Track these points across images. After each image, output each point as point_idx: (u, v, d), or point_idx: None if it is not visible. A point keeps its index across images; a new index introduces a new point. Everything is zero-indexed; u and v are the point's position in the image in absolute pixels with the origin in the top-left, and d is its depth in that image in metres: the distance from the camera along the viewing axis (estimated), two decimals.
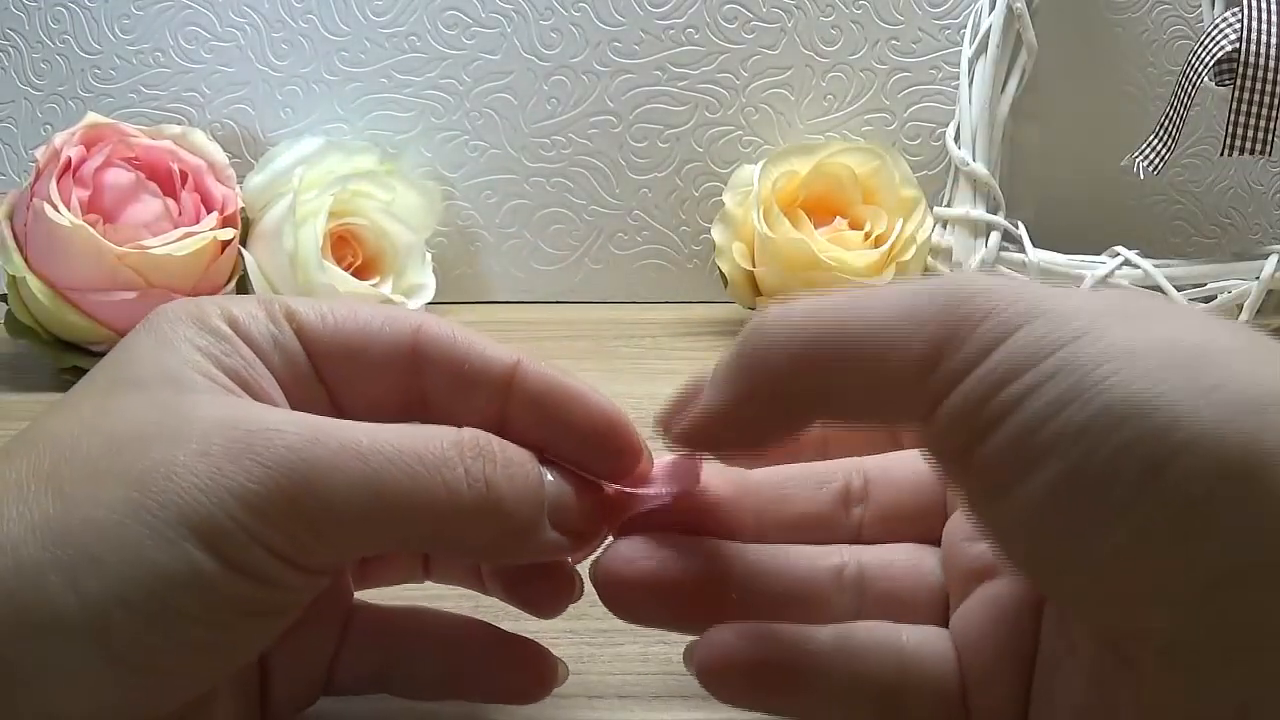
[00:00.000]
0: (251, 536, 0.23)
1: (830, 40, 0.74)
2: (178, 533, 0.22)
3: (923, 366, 0.22)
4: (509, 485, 0.25)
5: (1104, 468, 0.20)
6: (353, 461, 0.23)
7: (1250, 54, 0.64)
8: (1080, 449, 0.21)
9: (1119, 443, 0.20)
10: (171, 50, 0.72)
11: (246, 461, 0.23)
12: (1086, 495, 0.21)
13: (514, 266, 0.76)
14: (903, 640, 0.27)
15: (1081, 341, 0.21)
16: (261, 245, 0.65)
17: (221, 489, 0.22)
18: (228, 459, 0.23)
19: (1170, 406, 0.20)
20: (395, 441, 0.24)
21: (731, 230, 0.69)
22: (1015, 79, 0.70)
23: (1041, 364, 0.21)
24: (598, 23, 0.72)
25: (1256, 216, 0.79)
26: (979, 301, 0.22)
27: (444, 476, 0.24)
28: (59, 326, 0.60)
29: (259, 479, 0.23)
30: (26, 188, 0.60)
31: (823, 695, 0.27)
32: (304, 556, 0.23)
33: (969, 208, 0.70)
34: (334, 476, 0.23)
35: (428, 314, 0.29)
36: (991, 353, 0.22)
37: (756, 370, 0.25)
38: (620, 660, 0.35)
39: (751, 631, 0.27)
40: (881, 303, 0.23)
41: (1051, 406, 0.21)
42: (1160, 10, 0.74)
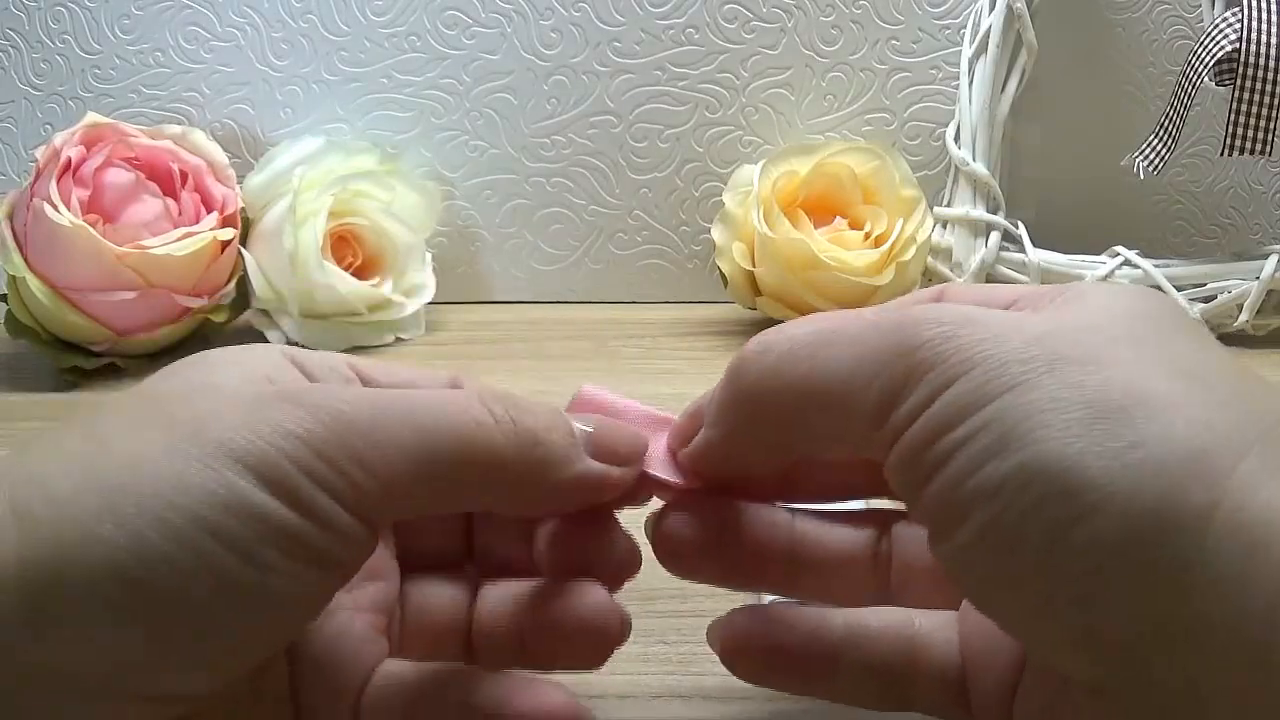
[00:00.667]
0: (302, 470, 0.22)
1: (830, 40, 0.74)
2: (222, 462, 0.22)
3: (878, 414, 0.23)
4: (534, 419, 0.26)
5: (1015, 526, 0.21)
6: (392, 406, 0.24)
7: (1250, 54, 0.64)
8: (996, 505, 0.21)
9: (1028, 502, 0.20)
10: (171, 50, 0.72)
11: (290, 406, 0.23)
12: (1001, 552, 0.21)
13: (514, 266, 0.76)
14: (915, 627, 0.28)
15: (1014, 393, 0.21)
16: (261, 245, 0.65)
17: (267, 427, 0.22)
18: (272, 406, 0.23)
19: (1081, 468, 0.20)
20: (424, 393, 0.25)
21: (731, 230, 0.69)
22: (1015, 79, 0.70)
23: (973, 416, 0.22)
24: (598, 23, 0.72)
25: (1256, 216, 0.79)
26: (924, 354, 0.23)
27: (473, 415, 0.25)
28: (59, 326, 0.60)
29: (304, 419, 0.22)
30: (26, 188, 0.60)
31: (834, 677, 0.28)
32: (358, 498, 0.23)
33: (969, 208, 0.70)
34: (376, 417, 0.23)
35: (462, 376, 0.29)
36: (931, 404, 0.22)
37: (740, 409, 0.26)
38: (620, 660, 0.35)
39: (769, 615, 0.29)
40: (843, 350, 0.24)
41: (976, 460, 0.21)
42: (1160, 10, 0.74)
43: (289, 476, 0.22)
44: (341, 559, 0.23)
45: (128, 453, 0.22)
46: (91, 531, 0.20)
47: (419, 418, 0.24)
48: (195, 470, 0.21)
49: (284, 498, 0.22)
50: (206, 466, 0.21)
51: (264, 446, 0.22)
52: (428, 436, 0.24)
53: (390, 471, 0.23)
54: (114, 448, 0.22)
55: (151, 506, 0.21)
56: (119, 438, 0.22)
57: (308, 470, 0.22)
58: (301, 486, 0.22)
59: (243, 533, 0.21)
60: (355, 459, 0.23)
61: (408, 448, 0.23)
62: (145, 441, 0.22)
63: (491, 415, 0.25)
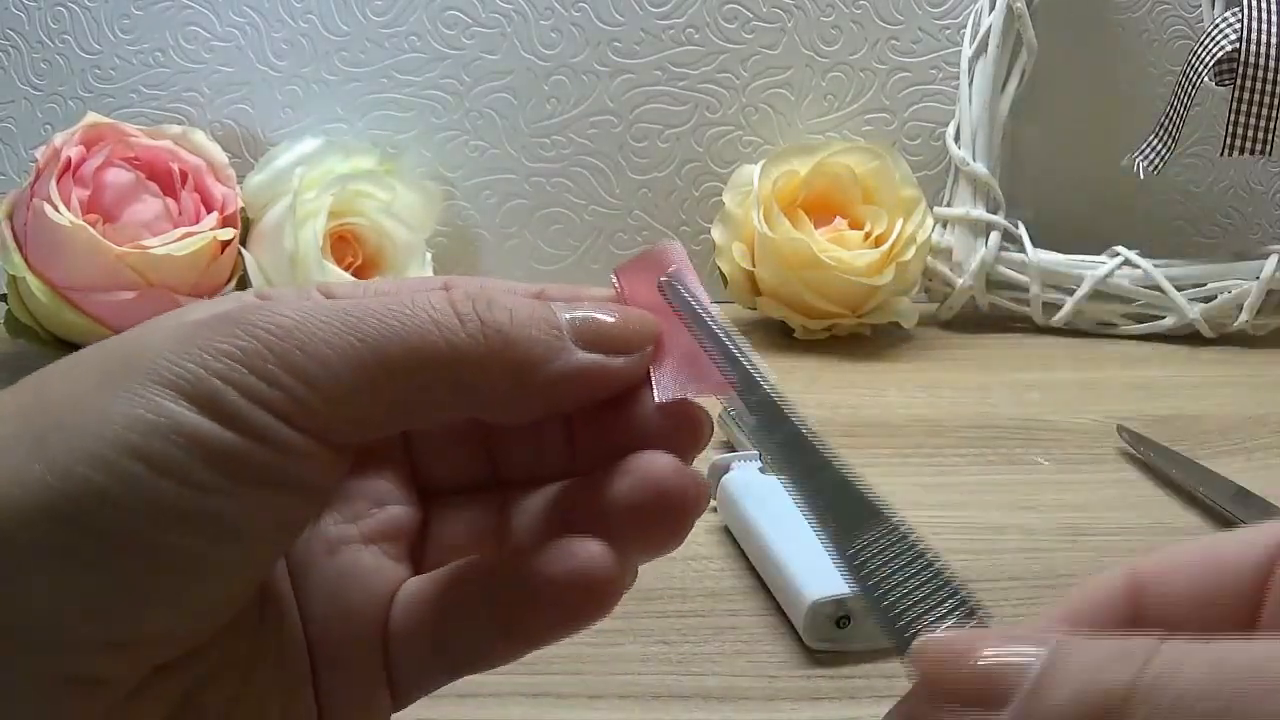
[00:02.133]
0: (234, 387, 0.21)
1: (830, 40, 0.74)
2: (149, 388, 0.20)
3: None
4: (506, 316, 0.23)
5: None
6: (335, 313, 0.22)
7: (1250, 54, 0.64)
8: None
9: None
10: (171, 50, 0.72)
11: (224, 325, 0.21)
12: None
13: (514, 266, 0.76)
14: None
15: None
16: (261, 245, 0.65)
17: (196, 349, 0.21)
18: (205, 328, 0.22)
19: None
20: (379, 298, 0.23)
21: (731, 230, 0.69)
22: (1015, 79, 0.70)
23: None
24: (598, 23, 0.72)
25: (1256, 216, 0.79)
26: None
27: (432, 316, 0.23)
28: (59, 326, 0.60)
29: (236, 336, 0.21)
30: (26, 188, 0.60)
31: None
32: (302, 414, 0.21)
33: (969, 208, 0.70)
34: (317, 327, 0.22)
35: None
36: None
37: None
38: (620, 660, 0.35)
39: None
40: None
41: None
42: (1160, 10, 0.74)
43: (219, 394, 0.21)
44: (297, 478, 0.22)
45: (59, 395, 0.21)
46: (20, 475, 0.20)
47: (365, 323, 0.22)
48: (121, 400, 0.20)
49: (217, 416, 0.21)
50: (133, 395, 0.20)
51: (192, 368, 0.21)
52: (374, 341, 0.22)
53: (338, 385, 0.21)
54: (47, 393, 0.21)
55: (78, 442, 0.20)
56: (53, 383, 0.22)
57: (240, 387, 0.21)
58: (235, 404, 0.21)
59: (177, 455, 0.20)
60: (292, 371, 0.21)
61: (352, 355, 0.22)
62: (76, 381, 0.21)
63: (455, 314, 0.23)
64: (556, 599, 0.24)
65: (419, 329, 0.22)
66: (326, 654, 0.25)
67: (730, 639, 0.37)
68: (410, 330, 0.22)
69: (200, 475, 0.20)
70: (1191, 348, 0.68)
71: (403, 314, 0.22)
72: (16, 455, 0.20)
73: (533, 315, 0.24)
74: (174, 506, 0.20)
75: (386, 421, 0.23)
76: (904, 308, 0.68)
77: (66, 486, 0.20)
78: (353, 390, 0.22)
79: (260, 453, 0.21)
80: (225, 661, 0.23)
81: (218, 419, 0.21)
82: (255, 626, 0.24)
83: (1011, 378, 0.63)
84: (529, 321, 0.24)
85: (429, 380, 0.23)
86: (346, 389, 0.22)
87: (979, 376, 0.63)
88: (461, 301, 0.23)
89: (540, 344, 0.24)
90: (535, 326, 0.24)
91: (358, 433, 0.23)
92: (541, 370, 0.23)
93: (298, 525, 0.23)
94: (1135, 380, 0.63)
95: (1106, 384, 0.62)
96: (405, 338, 0.22)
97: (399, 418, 0.23)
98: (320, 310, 0.22)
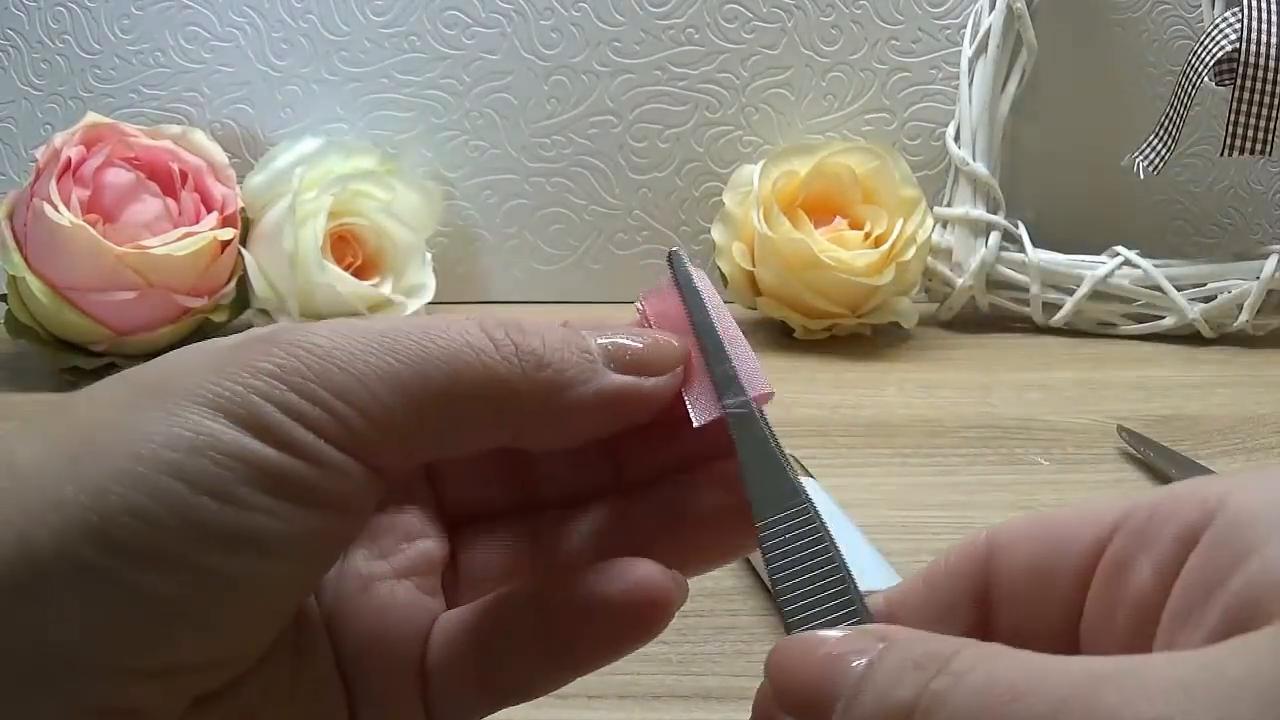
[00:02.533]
0: (277, 406, 0.20)
1: (830, 40, 0.74)
2: (188, 407, 0.20)
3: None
4: (540, 339, 0.23)
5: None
6: (372, 334, 0.22)
7: (1250, 54, 0.64)
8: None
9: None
10: (171, 50, 0.72)
11: (262, 345, 0.21)
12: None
13: (514, 266, 0.76)
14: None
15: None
16: (261, 245, 0.65)
17: (236, 368, 0.21)
18: (243, 349, 0.21)
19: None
20: (413, 320, 0.23)
21: (731, 230, 0.69)
22: (1015, 79, 0.70)
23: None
24: (598, 23, 0.72)
25: (1256, 216, 0.79)
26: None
27: (467, 339, 0.22)
28: (59, 326, 0.60)
29: (277, 355, 0.21)
30: (26, 188, 0.60)
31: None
32: (343, 433, 0.21)
33: (969, 208, 0.70)
34: (356, 347, 0.21)
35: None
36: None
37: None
38: (620, 660, 0.35)
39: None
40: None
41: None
42: (1160, 10, 0.74)
43: (263, 412, 0.20)
44: (340, 498, 0.21)
45: (92, 416, 0.21)
46: (54, 496, 0.19)
47: (405, 345, 0.22)
48: (157, 418, 0.20)
49: (258, 433, 0.20)
50: (169, 414, 0.20)
51: (233, 387, 0.20)
52: (416, 364, 0.22)
53: (377, 404, 0.21)
54: (79, 414, 0.21)
55: (113, 461, 0.19)
56: (85, 405, 0.21)
57: (284, 405, 0.20)
58: (279, 422, 0.20)
59: (217, 473, 0.20)
60: (336, 392, 0.21)
61: (394, 377, 0.21)
62: (110, 403, 0.21)
63: (490, 339, 0.23)
64: (611, 619, 0.24)
65: (455, 351, 0.22)
66: (364, 691, 0.25)
67: (730, 639, 0.37)
68: (447, 352, 0.22)
69: (241, 493, 0.20)
70: (1191, 348, 0.68)
71: (438, 336, 0.22)
72: (48, 478, 0.20)
73: (564, 339, 0.24)
74: (214, 525, 0.20)
75: (426, 443, 0.23)
76: (904, 308, 0.68)
77: (101, 506, 0.19)
78: (393, 410, 0.21)
79: (302, 470, 0.21)
80: (263, 697, 0.23)
81: (259, 435, 0.20)
82: (292, 662, 0.24)
83: (1011, 378, 0.63)
84: (561, 345, 0.24)
85: (467, 402, 0.22)
86: (387, 408, 0.21)
87: (979, 376, 0.63)
88: (494, 327, 0.23)
89: (573, 366, 0.24)
90: (568, 349, 0.24)
91: (398, 454, 0.22)
92: (576, 392, 0.24)
93: (335, 547, 0.23)
94: (1135, 380, 0.63)
95: (1106, 384, 0.62)
96: (443, 359, 0.22)
97: (442, 441, 0.23)
98: (356, 330, 0.22)
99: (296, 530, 0.21)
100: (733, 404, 0.25)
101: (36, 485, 0.20)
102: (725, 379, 0.25)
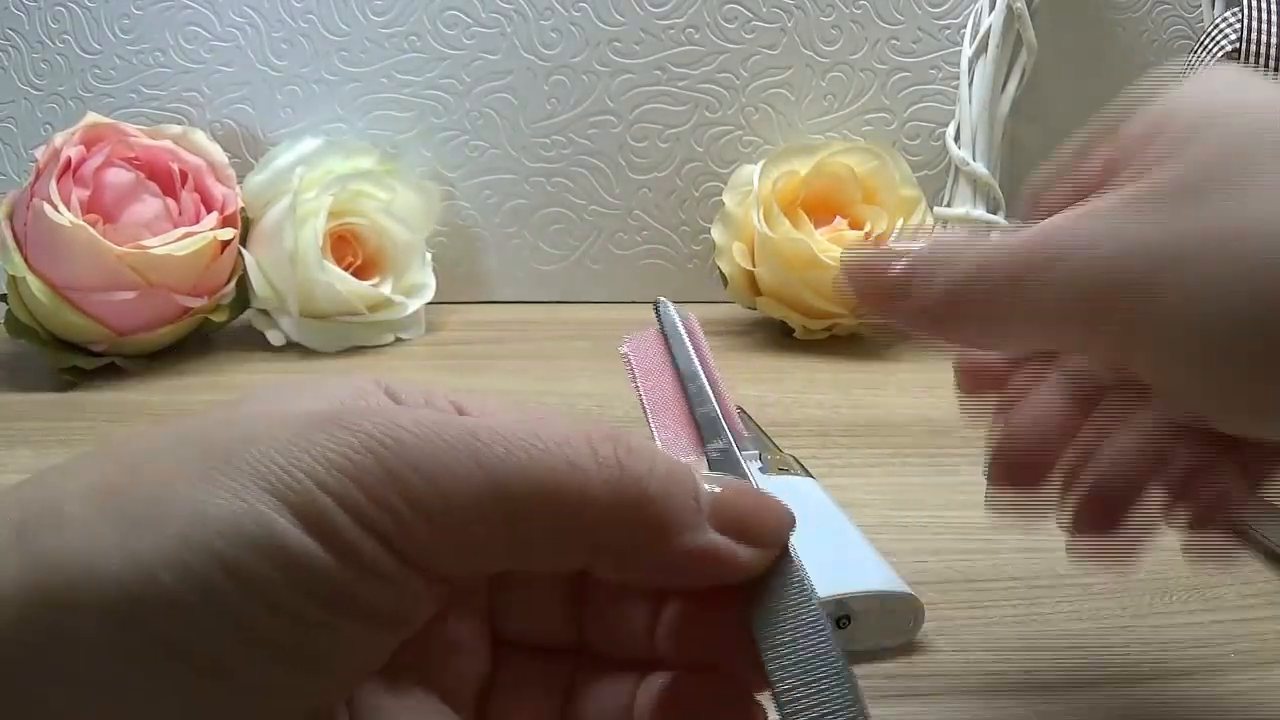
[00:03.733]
0: (345, 508, 0.19)
1: (830, 40, 0.74)
2: (252, 492, 0.19)
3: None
4: (647, 466, 0.21)
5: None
6: (459, 434, 0.20)
7: (1250, 54, 0.64)
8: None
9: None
10: (171, 50, 0.72)
11: (339, 430, 0.20)
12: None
13: (514, 266, 0.76)
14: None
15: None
16: (261, 245, 0.65)
17: (308, 454, 0.19)
18: (319, 429, 0.20)
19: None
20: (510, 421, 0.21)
21: (731, 230, 0.69)
22: (1015, 79, 0.70)
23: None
24: (598, 23, 0.72)
25: None
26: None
27: (567, 454, 0.21)
28: (59, 326, 0.60)
29: (349, 444, 0.19)
30: (26, 188, 0.60)
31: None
32: (411, 544, 0.19)
33: (969, 208, 0.70)
34: (437, 448, 0.20)
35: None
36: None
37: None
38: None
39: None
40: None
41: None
42: (1160, 10, 0.74)
43: (328, 514, 0.19)
44: (396, 613, 0.20)
45: (154, 479, 0.19)
46: (98, 566, 0.18)
47: (492, 450, 0.20)
48: (221, 500, 0.18)
49: (322, 539, 0.19)
50: (235, 496, 0.18)
51: (300, 477, 0.19)
52: (498, 472, 0.20)
53: (449, 514, 0.20)
54: (141, 472, 0.19)
55: (167, 542, 0.18)
56: (148, 461, 0.20)
57: (352, 508, 0.19)
58: (343, 527, 0.19)
59: (270, 576, 0.18)
60: (406, 495, 0.19)
61: (471, 485, 0.20)
62: (175, 467, 0.19)
63: (594, 455, 0.21)
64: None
65: (549, 464, 0.20)
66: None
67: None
68: (540, 464, 0.20)
69: (293, 603, 0.19)
70: None
71: (533, 446, 0.20)
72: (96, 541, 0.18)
73: (673, 474, 0.22)
74: (258, 633, 0.18)
75: (498, 559, 0.21)
76: None
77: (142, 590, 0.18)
78: (467, 524, 0.20)
79: (362, 585, 0.19)
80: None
81: (322, 541, 0.19)
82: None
83: None
84: (668, 479, 0.22)
85: (549, 522, 0.21)
86: (460, 521, 0.20)
87: None
88: (602, 441, 0.21)
89: (677, 510, 0.22)
90: (676, 488, 0.22)
91: (465, 567, 0.21)
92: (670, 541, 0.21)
93: (382, 657, 0.21)
94: None
95: None
96: (533, 472, 0.20)
97: (511, 556, 0.21)
98: (444, 427, 0.20)
99: (345, 643, 0.20)
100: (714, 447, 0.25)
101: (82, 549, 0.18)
102: (708, 421, 0.25)
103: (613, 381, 0.58)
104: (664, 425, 0.26)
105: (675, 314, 0.28)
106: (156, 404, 0.57)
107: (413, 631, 0.21)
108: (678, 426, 0.26)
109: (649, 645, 0.25)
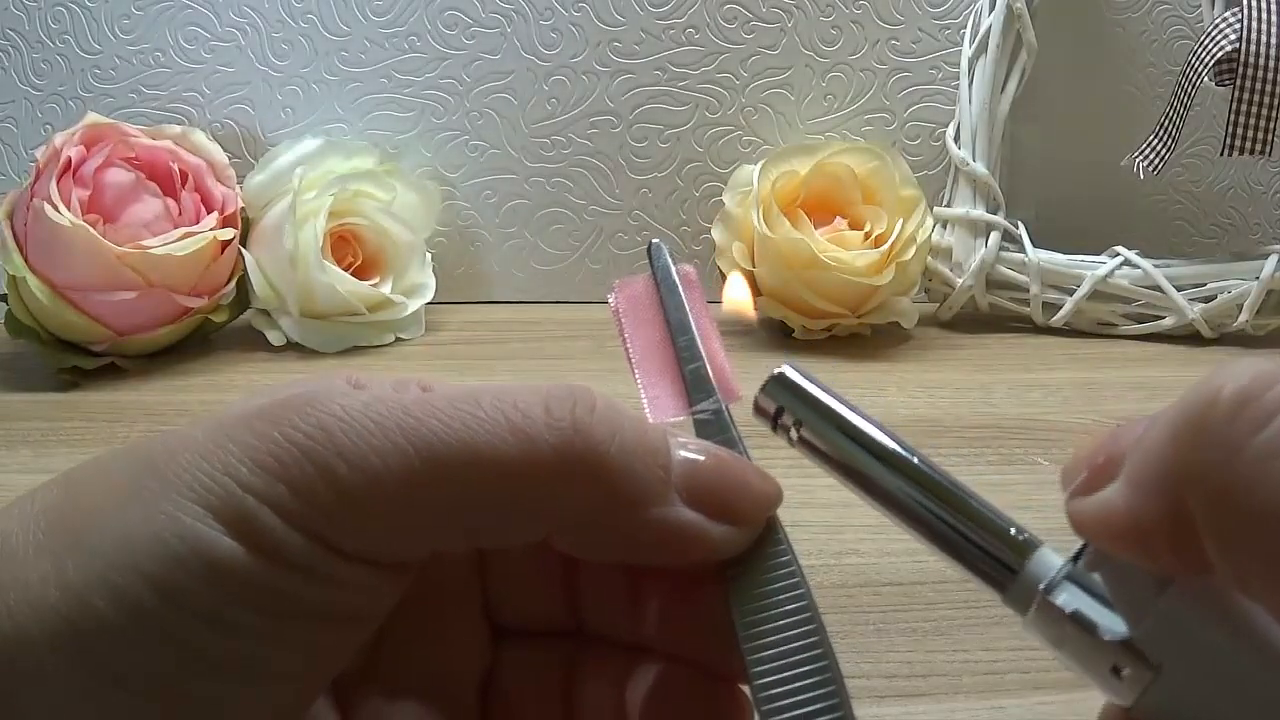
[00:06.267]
0: (270, 506, 0.18)
1: (830, 40, 0.74)
2: (176, 504, 0.18)
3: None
4: (609, 430, 0.19)
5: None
6: (390, 412, 0.19)
7: (1250, 54, 0.64)
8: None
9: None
10: (171, 50, 0.72)
11: (265, 425, 0.18)
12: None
13: (514, 266, 0.76)
14: None
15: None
16: (261, 245, 0.65)
17: (231, 455, 0.18)
18: (244, 427, 0.19)
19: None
20: (454, 392, 0.19)
21: (731, 230, 0.69)
22: (1015, 79, 0.70)
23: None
24: (598, 23, 0.72)
25: (1256, 216, 0.79)
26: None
27: (509, 417, 0.19)
28: (59, 326, 0.60)
29: (273, 440, 0.18)
30: (26, 188, 0.60)
31: None
32: (346, 535, 0.18)
33: (969, 208, 0.70)
34: (365, 431, 0.18)
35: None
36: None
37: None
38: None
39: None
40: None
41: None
42: (1160, 10, 0.74)
43: (252, 513, 0.18)
44: (343, 609, 0.19)
45: (90, 503, 0.18)
46: (38, 598, 0.17)
47: (425, 424, 0.18)
48: (147, 517, 0.18)
49: (249, 542, 0.18)
50: (159, 511, 0.18)
51: (225, 480, 0.18)
52: (431, 446, 0.18)
53: (379, 499, 0.18)
54: (81, 498, 0.19)
55: (96, 567, 0.17)
56: (89, 484, 0.19)
57: (275, 504, 0.18)
58: (268, 526, 0.18)
59: (198, 589, 0.17)
60: (334, 486, 0.18)
61: (400, 463, 0.18)
62: (110, 488, 0.19)
63: (546, 416, 0.19)
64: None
65: (486, 431, 0.19)
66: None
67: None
68: (475, 433, 0.19)
69: (229, 612, 0.18)
70: (1191, 348, 0.68)
71: (470, 414, 0.19)
72: (36, 574, 0.18)
73: (642, 440, 0.20)
74: (198, 649, 0.18)
75: (447, 537, 0.20)
76: (904, 308, 0.68)
77: (79, 619, 0.17)
78: (402, 506, 0.18)
79: (298, 584, 0.18)
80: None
81: (248, 544, 0.18)
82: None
83: (1011, 378, 0.63)
84: (636, 446, 0.20)
85: (491, 493, 0.19)
86: (395, 505, 0.18)
87: (979, 376, 0.63)
88: (558, 401, 0.19)
89: (641, 480, 0.20)
90: (642, 455, 0.20)
91: (412, 551, 0.19)
92: (635, 512, 0.20)
93: (345, 654, 0.20)
94: (1135, 380, 0.63)
95: (1106, 384, 0.62)
96: (468, 441, 0.19)
97: (460, 533, 0.20)
98: (374, 408, 0.19)
99: (293, 648, 0.19)
100: (701, 407, 0.23)
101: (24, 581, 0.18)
102: (696, 378, 0.23)
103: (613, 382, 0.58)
104: (651, 383, 0.23)
105: (670, 260, 0.25)
106: (156, 404, 0.57)
107: (376, 623, 0.20)
108: (664, 384, 0.23)
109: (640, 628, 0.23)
